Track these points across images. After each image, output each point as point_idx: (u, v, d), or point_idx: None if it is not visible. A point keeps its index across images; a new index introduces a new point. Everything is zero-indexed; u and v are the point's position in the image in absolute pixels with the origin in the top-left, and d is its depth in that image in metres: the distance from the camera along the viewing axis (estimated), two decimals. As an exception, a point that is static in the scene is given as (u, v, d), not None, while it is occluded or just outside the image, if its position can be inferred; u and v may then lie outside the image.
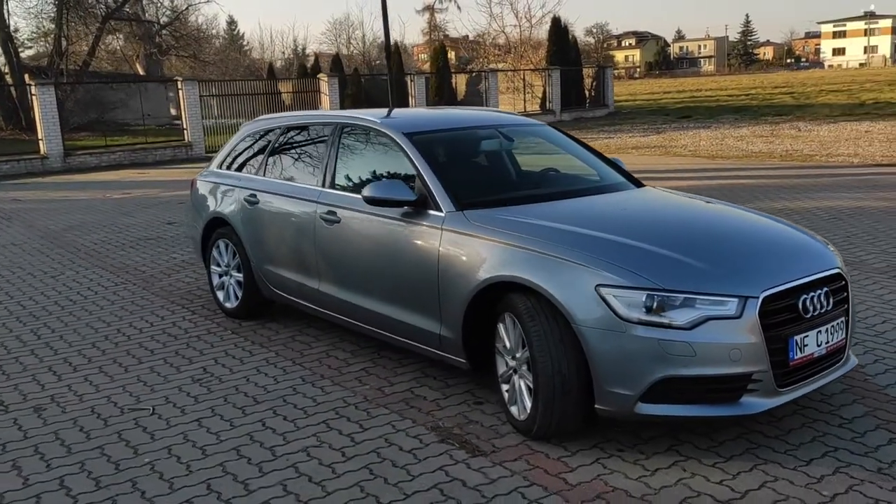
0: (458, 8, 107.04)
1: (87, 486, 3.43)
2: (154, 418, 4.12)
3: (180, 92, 21.01)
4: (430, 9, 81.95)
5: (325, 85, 23.28)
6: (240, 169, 5.90)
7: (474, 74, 32.38)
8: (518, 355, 3.72)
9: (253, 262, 5.52)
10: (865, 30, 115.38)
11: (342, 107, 23.74)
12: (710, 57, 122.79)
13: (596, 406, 3.45)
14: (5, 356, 5.17)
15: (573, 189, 4.63)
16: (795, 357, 3.43)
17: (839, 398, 4.04)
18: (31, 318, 6.05)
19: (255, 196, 5.48)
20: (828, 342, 3.58)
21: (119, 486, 3.42)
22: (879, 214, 9.12)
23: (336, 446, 3.72)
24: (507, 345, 3.81)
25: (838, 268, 3.79)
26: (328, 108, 23.25)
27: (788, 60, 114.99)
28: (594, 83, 31.37)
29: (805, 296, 3.50)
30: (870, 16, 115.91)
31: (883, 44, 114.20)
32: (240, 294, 5.74)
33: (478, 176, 4.85)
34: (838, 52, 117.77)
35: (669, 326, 3.28)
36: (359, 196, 4.63)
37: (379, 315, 4.51)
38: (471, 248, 3.92)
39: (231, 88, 23.63)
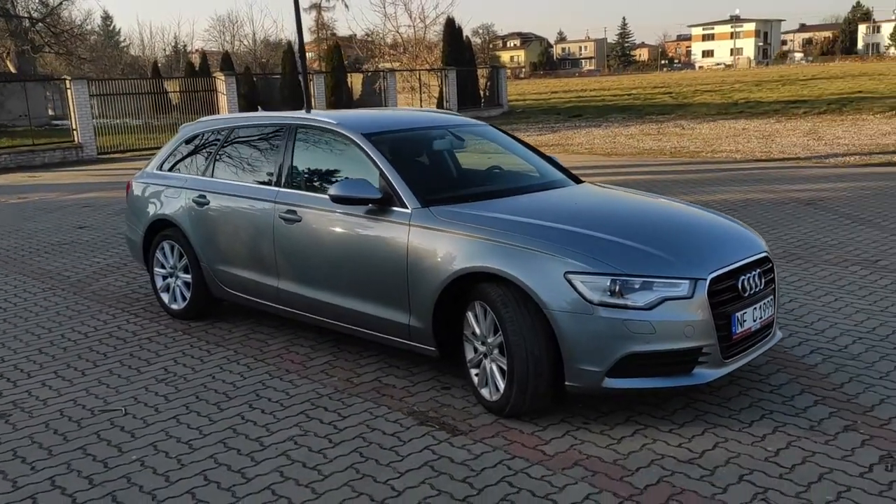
0: (346, 6, 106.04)
1: (80, 484, 3.48)
2: (129, 418, 4.17)
3: (68, 91, 20.19)
4: (316, 7, 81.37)
5: (223, 84, 22.87)
6: (184, 170, 5.92)
7: (370, 74, 32.48)
8: (490, 341, 4.00)
9: (203, 262, 5.58)
10: (731, 33, 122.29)
11: (239, 108, 23.38)
12: (590, 58, 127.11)
13: (566, 383, 3.77)
14: (-52, 365, 5.04)
15: (524, 186, 4.96)
16: (737, 331, 3.86)
17: (765, 368, 4.53)
18: (-37, 327, 5.88)
19: (204, 197, 5.54)
20: (761, 318, 4.04)
21: (114, 482, 3.49)
22: (768, 205, 9.92)
23: (321, 434, 3.90)
24: (477, 331, 4.09)
25: (765, 251, 4.26)
26: (226, 109, 22.87)
27: (663, 62, 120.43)
28: (488, 83, 32.09)
29: (743, 277, 3.95)
30: (735, 19, 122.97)
31: (747, 46, 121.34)
32: (188, 295, 5.78)
33: (435, 174, 5.10)
34: (707, 53, 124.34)
35: (632, 307, 3.64)
36: (320, 195, 4.81)
37: (344, 309, 4.69)
38: (440, 242, 4.18)
39: (115, 88, 22.79)
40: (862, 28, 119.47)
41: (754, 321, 3.99)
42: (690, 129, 22.30)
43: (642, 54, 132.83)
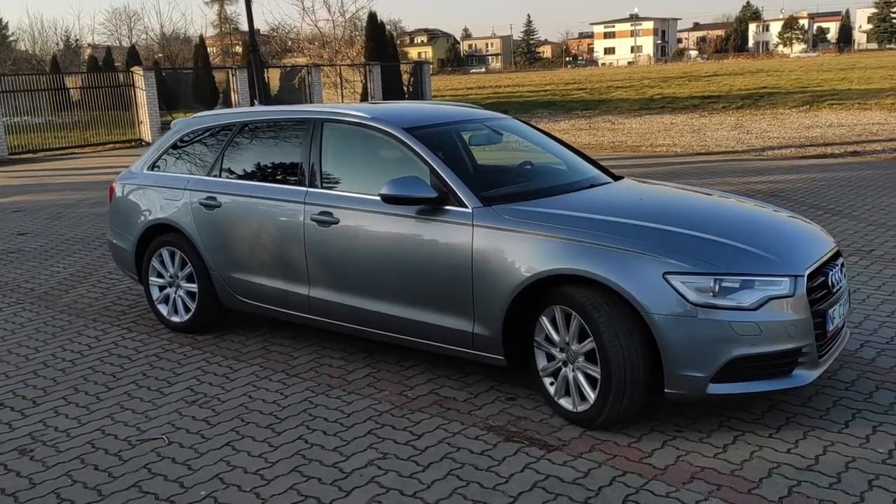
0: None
1: (152, 529, 3.05)
2: (175, 448, 3.73)
3: (-26, 88, 18.75)
4: (219, 0, 79.13)
5: (141, 79, 21.73)
6: (184, 170, 5.42)
7: (289, 69, 31.64)
8: (574, 348, 3.75)
9: (213, 270, 5.11)
10: (632, 31, 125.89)
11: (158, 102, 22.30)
12: (497, 55, 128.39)
13: (666, 390, 3.56)
14: (-67, 395, 4.43)
15: (573, 182, 4.70)
16: (830, 328, 3.75)
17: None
18: (-68, 350, 5.21)
19: (213, 199, 5.07)
20: (842, 314, 3.95)
21: (192, 524, 3.08)
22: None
23: (402, 456, 3.57)
24: (555, 338, 3.84)
25: (836, 245, 4.18)
26: (145, 105, 21.76)
27: (567, 59, 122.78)
28: (411, 79, 31.77)
29: (829, 271, 3.84)
30: (634, 18, 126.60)
31: (646, 44, 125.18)
32: (192, 306, 5.29)
33: (482, 170, 4.81)
34: (609, 51, 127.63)
35: (738, 308, 3.47)
36: (360, 195, 4.46)
37: (392, 318, 4.35)
38: (512, 244, 3.90)
39: (19, 84, 21.27)
40: (752, 27, 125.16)
41: (839, 318, 3.89)
42: (620, 124, 22.64)
43: (546, 51, 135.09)
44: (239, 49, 76.97)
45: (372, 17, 30.70)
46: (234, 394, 4.35)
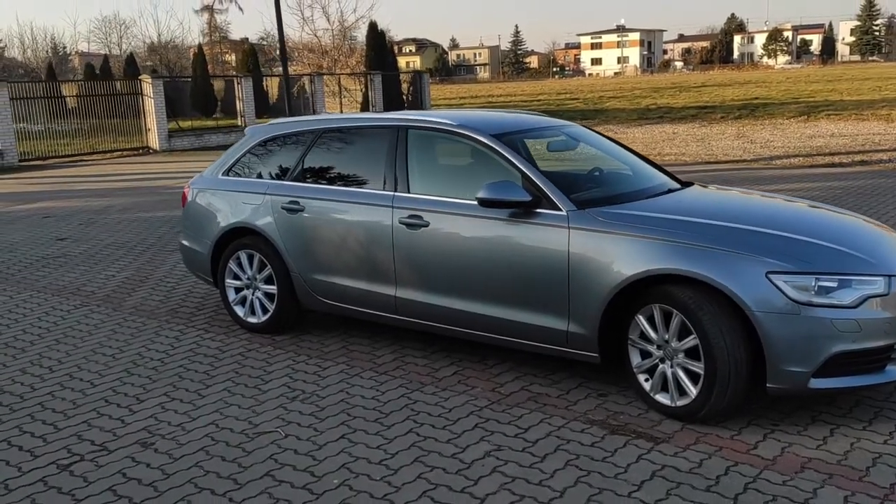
0: (240, 10, 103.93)
1: (298, 516, 3.19)
2: (292, 440, 3.86)
3: (-16, 94, 18.74)
4: (209, 9, 79.12)
5: (149, 87, 21.79)
6: (262, 176, 5.56)
7: (290, 78, 31.72)
8: (674, 345, 3.92)
9: (294, 272, 5.25)
10: (618, 42, 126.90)
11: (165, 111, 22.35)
12: (485, 64, 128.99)
13: (768, 385, 3.74)
14: (23, 403, 4.55)
15: (650, 187, 4.87)
16: (914, 327, 3.94)
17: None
18: (17, 352, 5.31)
19: (297, 203, 5.21)
20: None
21: (335, 511, 3.22)
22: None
23: (517, 448, 3.72)
24: (652, 335, 4.01)
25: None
26: (153, 113, 21.81)
27: (555, 69, 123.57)
28: (410, 88, 31.98)
29: None
30: (621, 29, 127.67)
31: (633, 55, 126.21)
32: (270, 308, 5.42)
33: (568, 175, 4.98)
34: (596, 61, 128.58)
35: (839, 306, 3.66)
36: (450, 199, 4.63)
37: (483, 317, 4.51)
38: (610, 245, 4.07)
39: (28, 92, 21.25)
40: (737, 39, 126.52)
41: None
42: (623, 133, 22.89)
43: (533, 61, 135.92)
44: (229, 58, 77.04)
45: (373, 26, 30.94)
46: (330, 390, 4.48)
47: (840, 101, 30.48)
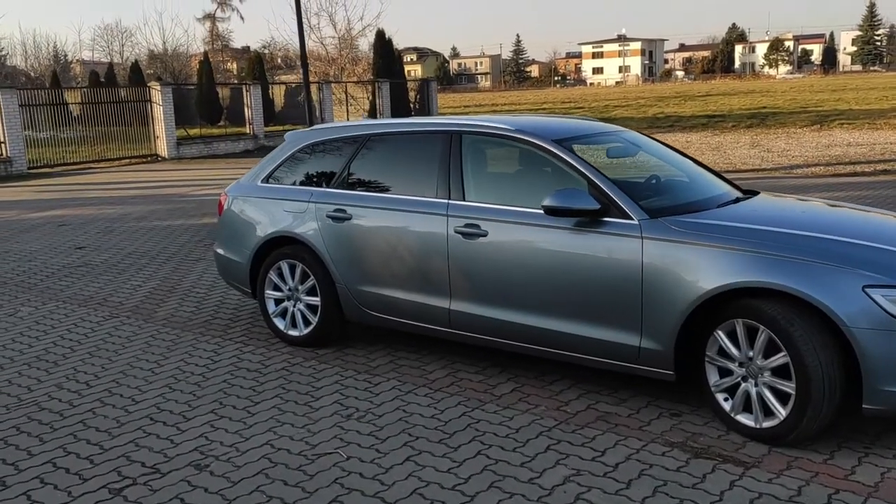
0: (241, 18, 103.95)
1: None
2: (356, 462, 3.63)
3: (-5, 102, 18.51)
4: (210, 17, 79.20)
5: (158, 95, 21.59)
6: (305, 183, 5.34)
7: (294, 86, 31.60)
8: (760, 363, 3.70)
9: (340, 283, 5.03)
10: (619, 51, 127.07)
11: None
12: (486, 73, 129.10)
13: (864, 406, 3.51)
14: (64, 421, 4.32)
15: (717, 196, 4.65)
16: None
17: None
18: (50, 366, 5.08)
19: (343, 211, 5.00)
20: None
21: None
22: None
23: (597, 473, 3.49)
24: (733, 352, 3.78)
25: None
26: (162, 121, 21.61)
27: (556, 78, 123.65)
28: (418, 96, 31.83)
29: None
30: (622, 39, 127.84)
31: (634, 64, 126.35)
32: (313, 320, 5.20)
33: (633, 183, 4.76)
34: (597, 70, 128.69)
35: (939, 322, 3.43)
36: (511, 207, 4.42)
37: (547, 331, 4.29)
38: (688, 256, 3.85)
39: (36, 99, 21.03)
40: (738, 48, 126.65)
41: None
42: (635, 143, 22.71)
43: (534, 70, 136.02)
44: (231, 66, 76.91)
45: (380, 34, 30.78)
46: (385, 408, 4.26)
47: (850, 110, 30.33)
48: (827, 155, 17.24)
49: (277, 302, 5.39)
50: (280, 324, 5.38)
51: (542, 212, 4.23)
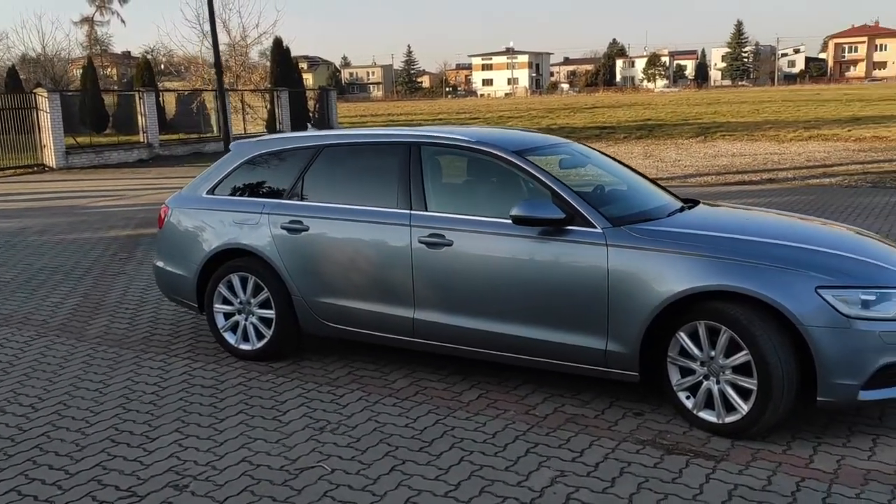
0: (123, 22, 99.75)
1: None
2: (341, 474, 3.61)
3: None
4: (89, 21, 75.63)
5: (45, 101, 20.51)
6: (255, 194, 5.25)
7: (187, 94, 30.71)
8: (722, 361, 3.91)
9: (297, 295, 4.97)
10: (508, 64, 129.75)
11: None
12: (378, 83, 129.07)
13: (819, 398, 3.77)
14: (18, 447, 4.09)
15: (664, 205, 4.88)
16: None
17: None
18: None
19: (299, 222, 4.94)
20: None
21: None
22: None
23: (581, 473, 3.61)
24: (695, 352, 3.99)
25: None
26: (49, 129, 20.53)
27: (447, 89, 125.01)
28: (317, 105, 31.53)
29: None
30: (511, 51, 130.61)
31: (522, 76, 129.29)
32: (267, 333, 5.11)
33: (591, 193, 4.92)
34: (487, 82, 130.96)
35: (885, 319, 3.74)
36: (475, 217, 4.51)
37: (513, 338, 4.39)
38: (651, 262, 4.04)
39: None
40: (619, 63, 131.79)
41: None
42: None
43: (425, 81, 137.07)
44: (111, 71, 73.73)
45: (278, 42, 30.27)
46: (357, 419, 4.25)
47: (728, 122, 32.09)
48: (716, 165, 18.16)
49: (227, 316, 5.26)
50: (230, 338, 5.26)
51: (507, 221, 4.34)
